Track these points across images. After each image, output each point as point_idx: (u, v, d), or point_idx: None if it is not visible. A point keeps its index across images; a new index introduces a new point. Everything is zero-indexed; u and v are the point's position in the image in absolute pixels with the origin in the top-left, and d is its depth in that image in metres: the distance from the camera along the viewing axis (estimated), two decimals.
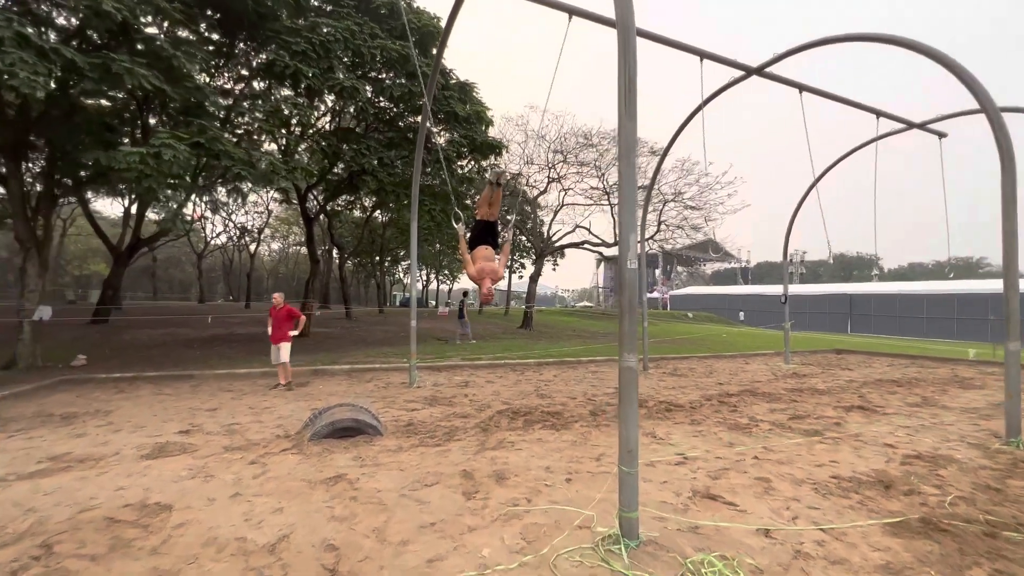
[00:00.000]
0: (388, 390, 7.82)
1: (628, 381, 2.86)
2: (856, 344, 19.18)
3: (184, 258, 59.12)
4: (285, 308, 7.86)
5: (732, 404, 7.00)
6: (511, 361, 11.17)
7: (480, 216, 5.86)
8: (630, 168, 2.82)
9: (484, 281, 5.29)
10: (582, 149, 18.38)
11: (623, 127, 2.82)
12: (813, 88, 8.37)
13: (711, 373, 10.64)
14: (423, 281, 59.24)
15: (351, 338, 15.94)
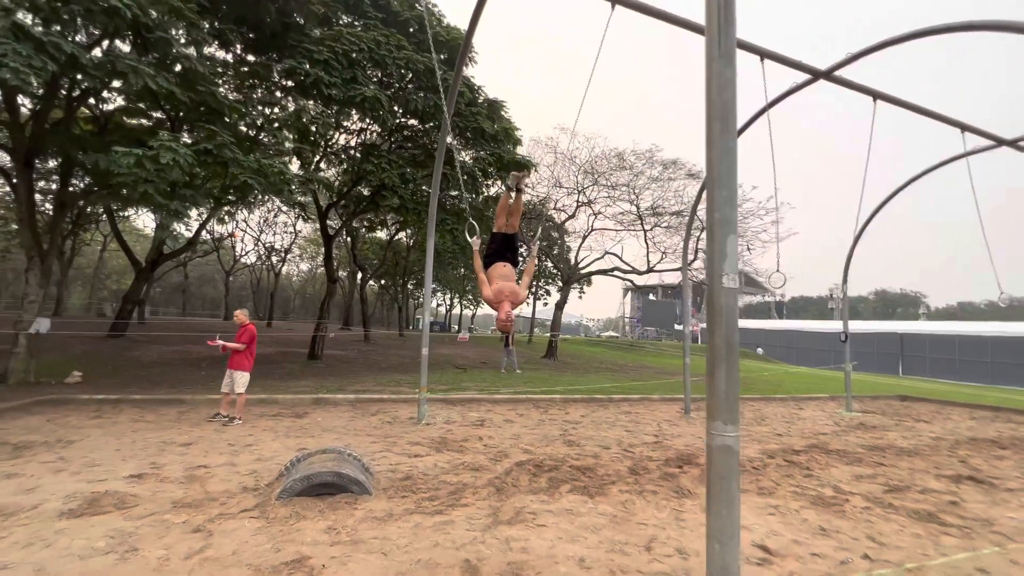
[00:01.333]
0: (393, 426, 6.84)
1: (725, 468, 1.82)
2: (919, 390, 17.21)
3: (217, 276, 60.57)
4: (249, 327, 7.01)
5: (803, 465, 5.72)
6: (534, 396, 10.06)
7: (497, 228, 4.96)
8: (728, 134, 1.84)
9: (502, 305, 4.34)
10: (614, 171, 17.53)
11: (715, 74, 1.85)
12: (890, 96, 7.28)
13: (763, 420, 9.27)
14: (447, 306, 58.76)
15: (364, 362, 15.13)
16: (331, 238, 14.40)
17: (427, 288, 7.65)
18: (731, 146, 1.82)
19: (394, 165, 11.27)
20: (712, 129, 1.84)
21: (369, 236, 32.13)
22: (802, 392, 14.16)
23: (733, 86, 1.84)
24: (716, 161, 1.82)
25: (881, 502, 4.49)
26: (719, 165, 1.82)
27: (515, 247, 4.95)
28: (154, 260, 17.04)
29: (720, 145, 1.82)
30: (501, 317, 4.30)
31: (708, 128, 1.86)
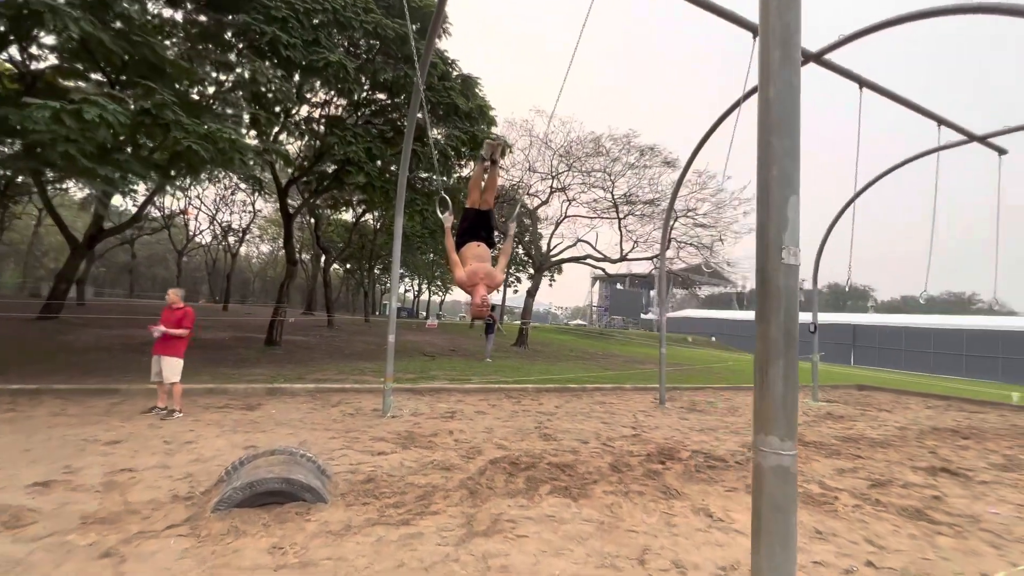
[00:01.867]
0: (355, 420, 6.31)
1: (782, 496, 1.45)
2: (873, 379, 17.88)
3: (169, 256, 57.07)
4: (183, 310, 6.29)
5: None
6: (506, 386, 9.69)
7: (470, 204, 4.49)
8: (790, 65, 1.42)
9: (477, 288, 3.91)
10: (590, 156, 17.19)
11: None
12: (875, 84, 7.15)
13: (735, 410, 9.23)
14: (415, 291, 57.64)
15: (327, 349, 14.37)
16: (291, 217, 13.47)
17: (394, 271, 7.08)
18: (794, 82, 1.42)
19: (360, 139, 10.50)
20: (770, 59, 1.43)
21: (334, 218, 30.85)
22: None
23: (798, 5, 1.42)
24: (775, 100, 1.41)
25: (868, 499, 4.34)
26: (779, 105, 1.41)
27: (490, 225, 4.49)
28: (92, 236, 15.57)
29: (780, 79, 1.41)
30: (476, 301, 3.85)
31: (764, 59, 1.45)
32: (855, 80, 7.05)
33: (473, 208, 4.44)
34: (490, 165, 4.48)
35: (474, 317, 4.32)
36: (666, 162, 16.91)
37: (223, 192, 31.83)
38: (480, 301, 3.86)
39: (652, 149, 16.57)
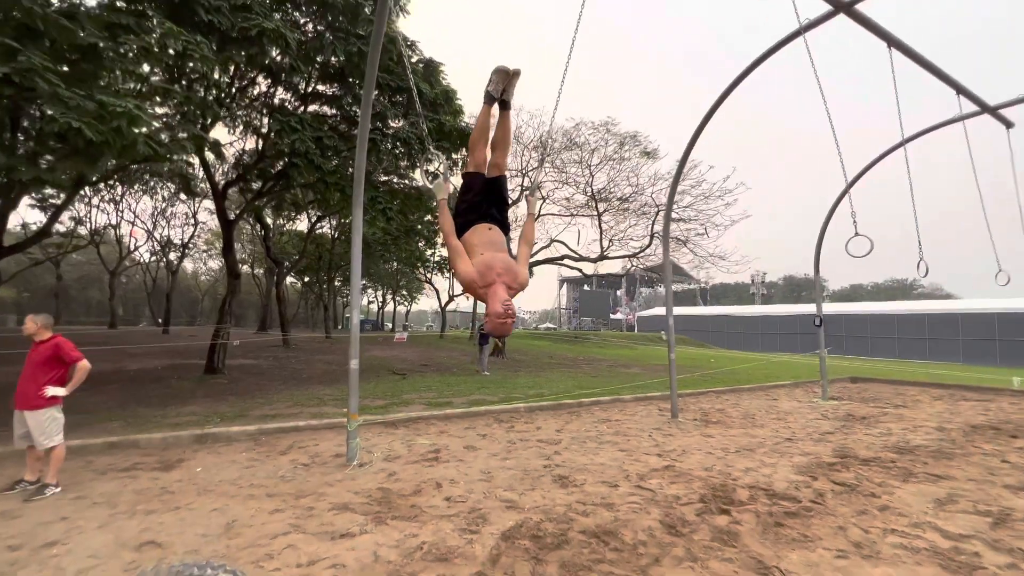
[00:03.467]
0: (311, 474, 4.80)
1: None
2: (855, 369, 17.58)
3: (105, 276, 52.22)
4: (52, 342, 4.48)
5: (861, 489, 4.48)
6: (493, 407, 8.32)
7: (474, 167, 3.19)
8: None
9: (494, 289, 2.63)
10: (563, 150, 16.11)
11: None
12: (905, 45, 6.29)
13: (751, 417, 8.23)
14: (378, 303, 55.25)
15: (280, 373, 12.55)
16: (231, 224, 11.65)
17: (355, 278, 5.59)
18: None
19: (307, 127, 8.94)
20: None
21: (288, 228, 28.57)
22: (761, 380, 13.63)
23: None
24: None
25: (1010, 550, 3.26)
26: None
27: (503, 199, 3.20)
28: None
29: None
30: (495, 309, 2.56)
31: None
32: (884, 38, 6.17)
33: (478, 174, 3.13)
34: (500, 108, 3.19)
35: (494, 334, 2.90)
36: (645, 152, 16.07)
37: (160, 204, 29.03)
38: (502, 309, 2.58)
39: (634, 137, 15.69)
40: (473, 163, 3.18)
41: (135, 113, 5.37)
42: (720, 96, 7.16)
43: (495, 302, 2.67)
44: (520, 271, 2.92)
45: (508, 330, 2.71)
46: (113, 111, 5.25)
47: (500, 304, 2.65)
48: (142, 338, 22.19)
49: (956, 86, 7.38)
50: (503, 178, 3.25)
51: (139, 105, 5.62)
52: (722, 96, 7.17)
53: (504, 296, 2.69)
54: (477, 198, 3.11)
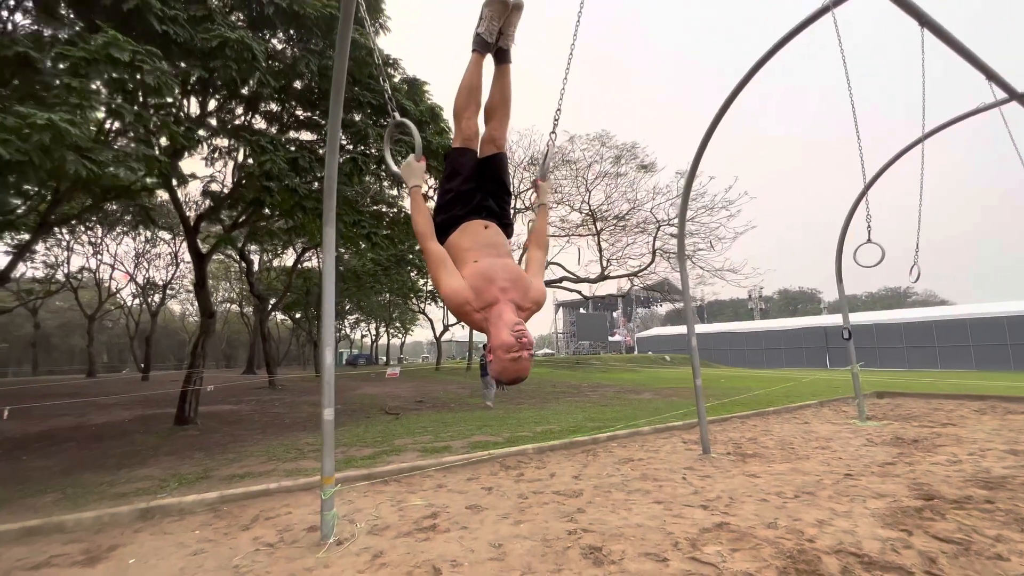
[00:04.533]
0: (273, 563, 3.77)
1: None
2: (877, 383, 16.68)
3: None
4: None
5: (961, 542, 3.53)
6: (498, 451, 7.28)
7: (462, 142, 2.34)
8: None
9: (496, 311, 1.72)
10: (557, 166, 15.51)
11: None
12: (938, 26, 5.67)
13: (790, 447, 7.27)
14: (371, 336, 54.02)
15: (260, 420, 11.42)
16: (203, 259, 10.74)
17: (327, 306, 4.67)
18: None
19: (280, 147, 8.17)
20: None
21: (275, 263, 27.66)
22: (783, 400, 12.68)
23: None
24: None
25: None
26: None
27: (504, 186, 2.36)
28: None
29: None
30: (503, 340, 1.74)
31: None
32: (916, 17, 5.54)
33: (466, 152, 2.30)
34: (497, 60, 2.39)
35: (504, 379, 1.85)
36: (643, 166, 15.49)
37: (142, 245, 28.10)
38: (512, 339, 1.74)
39: (632, 149, 15.10)
40: (460, 137, 2.33)
41: (60, 125, 4.53)
42: (731, 93, 6.48)
43: (501, 330, 1.78)
44: (533, 283, 2.05)
45: (525, 370, 1.81)
46: (33, 124, 4.40)
47: (509, 332, 1.77)
48: (119, 386, 20.88)
49: (987, 71, 6.78)
50: (502, 157, 2.40)
51: (69, 118, 4.77)
52: (733, 93, 6.50)
53: (513, 320, 1.82)
54: (467, 185, 2.26)
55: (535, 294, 2.01)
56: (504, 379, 1.81)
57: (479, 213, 2.21)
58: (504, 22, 2.31)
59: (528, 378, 1.89)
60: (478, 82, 2.34)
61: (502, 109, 2.39)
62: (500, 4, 2.24)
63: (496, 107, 2.38)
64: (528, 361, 1.79)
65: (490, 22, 2.27)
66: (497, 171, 2.36)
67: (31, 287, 26.41)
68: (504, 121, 2.43)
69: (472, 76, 2.32)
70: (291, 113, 10.97)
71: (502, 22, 2.30)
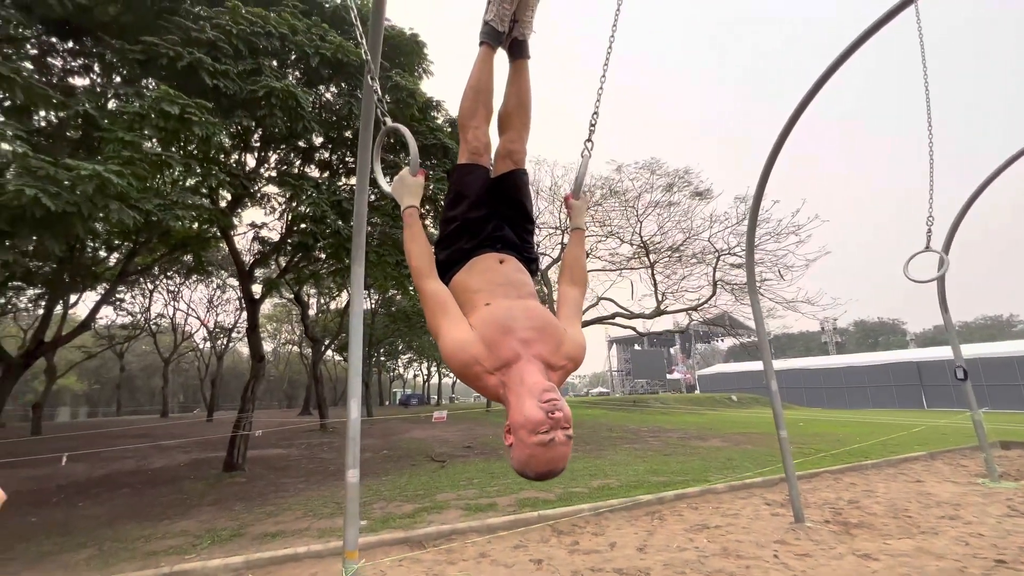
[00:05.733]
0: None
1: None
2: (1000, 431, 14.20)
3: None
4: None
5: None
6: (549, 511, 6.48)
7: (471, 157, 1.83)
8: None
9: (517, 372, 1.26)
10: (603, 199, 15.00)
11: None
12: None
13: (905, 514, 5.96)
14: (423, 376, 54.36)
15: (307, 466, 11.20)
16: (255, 304, 10.99)
17: (353, 359, 4.28)
18: None
19: (324, 190, 8.23)
20: None
21: (332, 306, 28.64)
22: (881, 450, 10.92)
23: None
24: None
25: None
26: None
27: (525, 211, 1.86)
28: (30, 352, 13.09)
29: None
30: (530, 416, 1.23)
31: None
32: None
33: (475, 168, 1.85)
34: (511, 55, 1.97)
35: (529, 473, 1.26)
36: (697, 193, 14.66)
37: (213, 291, 30.11)
38: (542, 414, 1.22)
39: (685, 175, 14.35)
40: (466, 151, 1.87)
41: (104, 176, 4.58)
42: (804, 97, 5.77)
43: (524, 400, 1.26)
44: (568, 332, 1.50)
45: (559, 460, 1.25)
46: (79, 175, 4.46)
47: (535, 403, 1.24)
48: (184, 428, 21.77)
49: None
50: (521, 175, 1.90)
51: (118, 169, 4.84)
52: (807, 96, 5.78)
53: (541, 384, 1.28)
54: (476, 212, 1.77)
55: (571, 347, 1.47)
56: (530, 473, 1.26)
57: (492, 245, 1.72)
58: (519, 4, 1.87)
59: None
60: (488, 82, 1.89)
61: (519, 115, 1.92)
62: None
63: (512, 113, 1.92)
64: (566, 446, 1.24)
65: (500, 5, 1.83)
66: (515, 192, 1.86)
67: (117, 333, 28.70)
68: (523, 131, 1.95)
69: (480, 75, 1.87)
70: (342, 159, 11.28)
71: (516, 4, 1.85)
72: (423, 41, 9.94)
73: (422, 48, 10.01)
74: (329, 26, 8.60)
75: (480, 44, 1.88)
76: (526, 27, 1.91)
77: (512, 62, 1.97)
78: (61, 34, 7.55)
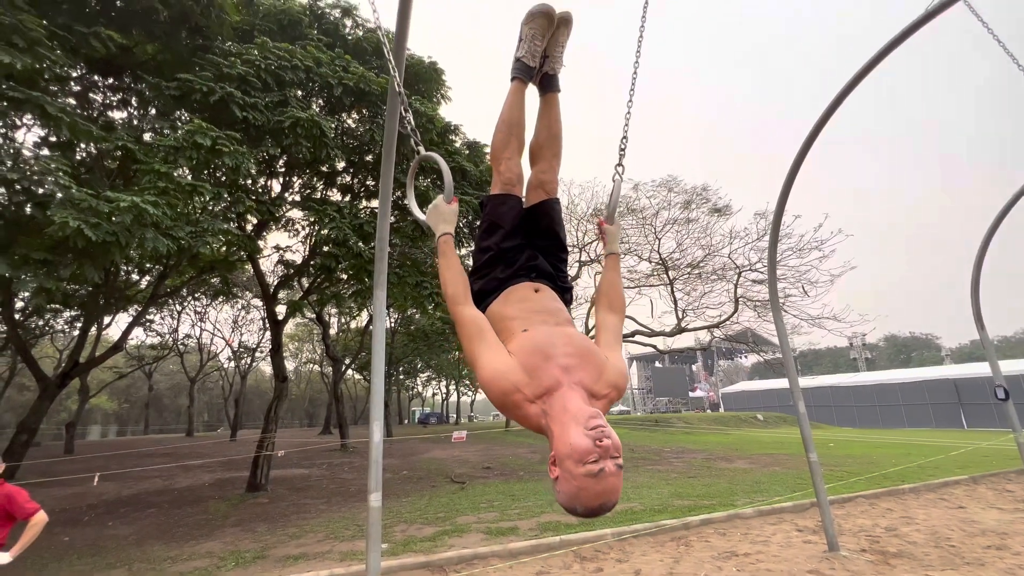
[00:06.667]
0: None
1: None
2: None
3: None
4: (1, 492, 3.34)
5: None
6: (571, 535, 6.35)
7: (503, 187, 1.87)
8: None
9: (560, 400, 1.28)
10: (622, 215, 15.00)
11: None
12: None
13: (948, 543, 5.66)
14: (442, 394, 54.34)
15: (328, 486, 11.25)
16: (279, 325, 11.22)
17: (375, 383, 4.34)
18: None
19: (345, 215, 8.44)
20: None
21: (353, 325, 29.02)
22: (918, 474, 10.43)
23: None
24: None
25: None
26: None
27: (560, 240, 1.89)
28: (65, 373, 13.54)
29: None
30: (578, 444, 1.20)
31: None
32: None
33: (508, 199, 1.89)
34: (542, 90, 2.03)
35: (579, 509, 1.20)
36: (715, 210, 14.55)
37: (238, 311, 30.84)
38: (585, 441, 1.19)
39: (703, 192, 14.30)
40: (499, 182, 1.91)
41: (142, 207, 4.80)
42: (826, 111, 5.73)
43: (568, 429, 1.23)
44: (610, 358, 1.50)
45: (612, 493, 1.20)
46: (117, 206, 4.69)
47: (582, 431, 1.21)
48: (209, 447, 22.11)
49: None
50: (554, 204, 1.95)
51: (153, 200, 5.08)
52: (829, 110, 5.75)
53: (586, 412, 1.25)
54: (510, 241, 1.81)
55: (613, 374, 1.44)
56: (580, 508, 1.20)
57: (527, 275, 1.75)
58: (549, 41, 1.94)
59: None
60: (520, 116, 1.95)
61: (551, 147, 1.98)
62: (543, 17, 1.87)
63: (543, 145, 1.98)
64: (616, 477, 1.20)
65: (531, 42, 1.90)
66: (548, 222, 1.91)
67: (147, 353, 29.52)
68: (554, 162, 2.01)
69: (512, 109, 1.94)
70: (363, 183, 11.58)
71: (546, 41, 1.93)
72: (441, 68, 10.23)
73: (440, 75, 10.30)
74: (351, 57, 8.95)
75: (512, 79, 1.95)
76: (556, 62, 1.98)
77: (543, 96, 2.04)
78: (102, 72, 8.05)
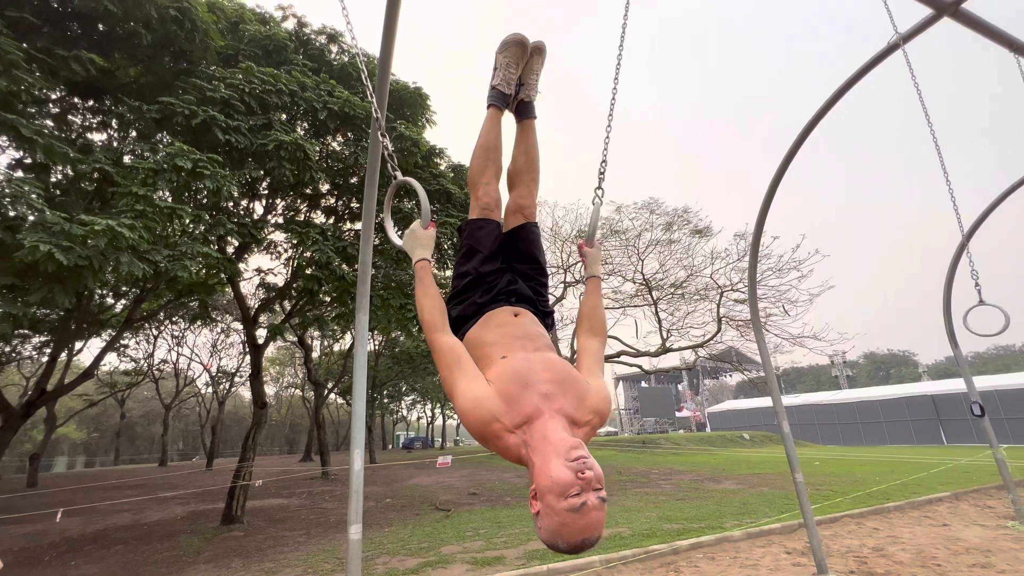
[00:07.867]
0: None
1: None
2: (1018, 467, 13.67)
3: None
4: None
5: None
6: (558, 563, 6.20)
7: (481, 212, 1.89)
8: None
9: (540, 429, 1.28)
10: (605, 237, 15.20)
11: None
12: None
13: (934, 562, 5.68)
14: (427, 417, 53.41)
15: (308, 517, 10.84)
16: (259, 349, 10.97)
17: (357, 409, 4.24)
18: None
19: (328, 238, 8.38)
20: None
21: (335, 348, 28.53)
22: (902, 491, 10.51)
23: None
24: None
25: None
26: None
27: (539, 264, 1.90)
28: (30, 402, 12.97)
29: None
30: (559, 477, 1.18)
31: None
32: (1008, 45, 4.90)
33: (486, 223, 1.89)
34: (518, 117, 2.06)
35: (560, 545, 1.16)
36: (696, 231, 14.84)
37: (216, 335, 30.12)
38: (567, 473, 1.17)
39: (684, 214, 14.60)
40: (477, 207, 1.93)
41: (117, 231, 4.70)
42: (797, 140, 5.93)
43: (549, 460, 1.21)
44: (592, 384, 1.48)
45: (595, 527, 1.17)
46: (91, 229, 4.58)
47: (563, 462, 1.19)
48: (182, 478, 21.25)
49: None
50: (533, 228, 1.97)
51: (130, 223, 4.97)
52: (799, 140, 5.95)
53: (567, 442, 1.23)
54: (488, 266, 1.81)
55: (595, 400, 1.42)
56: (563, 544, 1.16)
57: (506, 299, 1.74)
58: (524, 69, 1.98)
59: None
60: (496, 141, 1.98)
61: (528, 172, 2.01)
62: (517, 46, 1.92)
63: (521, 170, 2.01)
64: (600, 511, 1.16)
65: (506, 70, 1.94)
66: (528, 246, 1.92)
67: (120, 380, 28.51)
68: (532, 186, 2.04)
69: (489, 135, 1.96)
70: (347, 205, 11.55)
71: (521, 69, 1.97)
72: (426, 93, 10.38)
73: (425, 100, 10.45)
74: (336, 82, 9.03)
75: (488, 107, 1.99)
76: (531, 90, 2.03)
77: (519, 122, 2.08)
78: (82, 94, 7.97)
